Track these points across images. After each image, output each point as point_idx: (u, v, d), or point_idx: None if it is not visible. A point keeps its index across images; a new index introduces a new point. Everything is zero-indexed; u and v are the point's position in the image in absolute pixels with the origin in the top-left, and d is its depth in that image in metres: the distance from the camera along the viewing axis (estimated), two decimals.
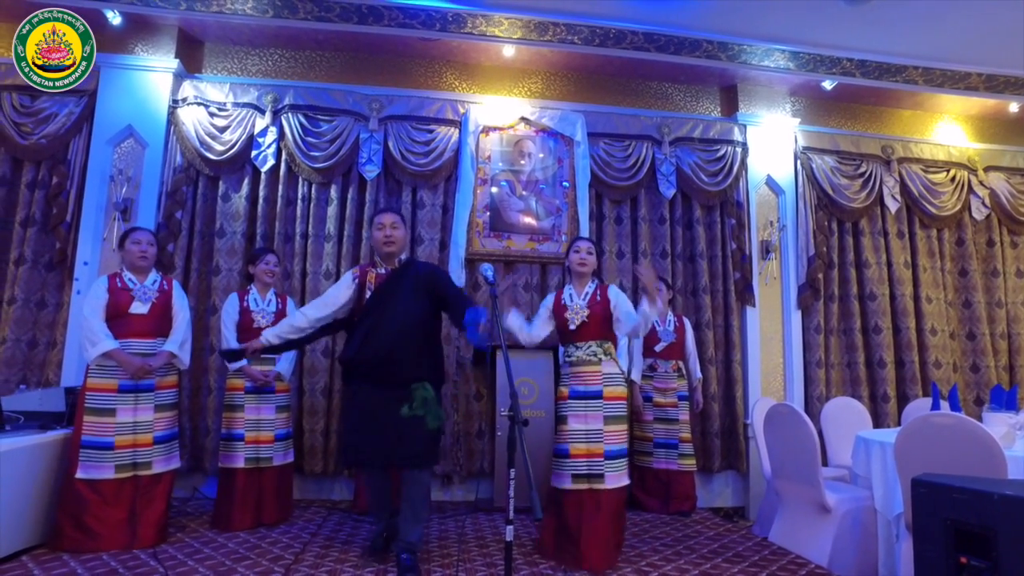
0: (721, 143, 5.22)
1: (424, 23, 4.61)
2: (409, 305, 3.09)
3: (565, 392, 3.27)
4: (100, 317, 3.38)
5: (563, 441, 3.20)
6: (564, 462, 3.17)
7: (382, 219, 3.24)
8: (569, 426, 3.19)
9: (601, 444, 3.15)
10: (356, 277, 3.24)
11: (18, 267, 4.44)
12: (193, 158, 4.66)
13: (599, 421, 3.18)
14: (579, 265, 3.36)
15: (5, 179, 4.56)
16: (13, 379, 4.31)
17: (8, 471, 3.03)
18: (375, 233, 3.24)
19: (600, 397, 3.21)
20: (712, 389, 4.90)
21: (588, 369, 3.25)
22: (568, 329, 3.31)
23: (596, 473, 3.11)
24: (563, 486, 3.15)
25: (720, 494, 5.00)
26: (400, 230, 3.24)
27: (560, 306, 3.38)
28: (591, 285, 3.38)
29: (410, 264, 3.29)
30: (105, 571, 2.92)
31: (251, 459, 3.74)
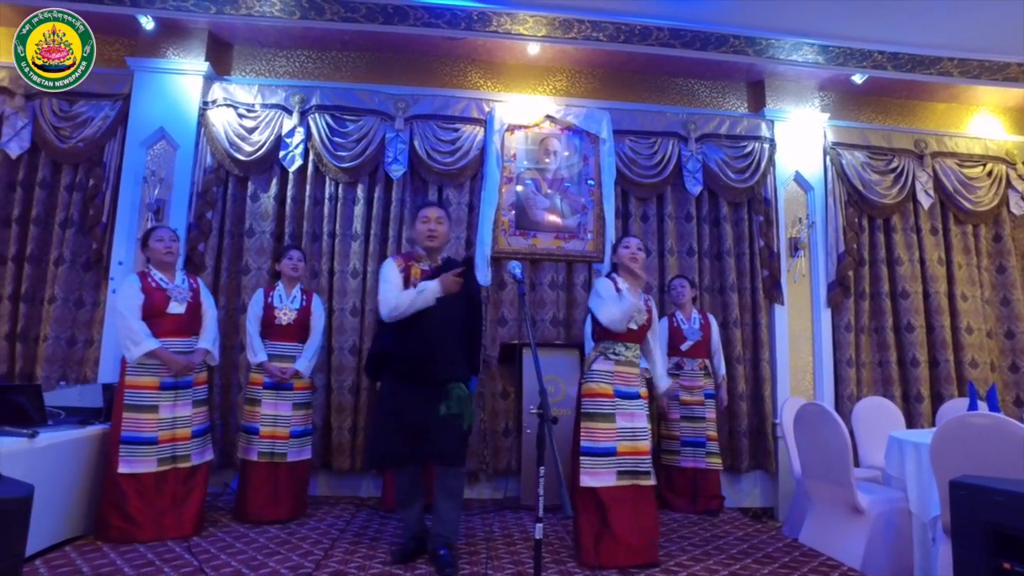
0: (748, 139, 5.16)
1: (449, 22, 4.62)
2: (453, 305, 3.06)
3: (609, 390, 3.18)
4: (138, 316, 3.45)
5: (609, 440, 3.11)
6: (609, 460, 3.09)
7: (427, 212, 3.18)
8: (618, 424, 3.13)
9: (647, 442, 3.15)
10: (401, 269, 3.15)
11: (57, 267, 4.57)
12: (223, 159, 4.74)
13: (644, 419, 3.18)
14: (631, 260, 3.28)
15: (45, 182, 4.69)
16: (54, 376, 4.43)
17: (52, 464, 3.12)
18: (418, 225, 3.19)
19: (639, 398, 3.21)
20: (740, 388, 4.84)
21: (632, 371, 3.24)
22: (627, 328, 3.23)
23: (643, 470, 3.10)
24: (607, 484, 3.06)
25: (748, 494, 4.95)
26: (444, 225, 3.20)
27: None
28: (641, 292, 3.32)
29: (452, 264, 3.23)
30: (142, 563, 2.99)
31: (265, 453, 3.80)
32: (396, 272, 3.11)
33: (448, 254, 3.37)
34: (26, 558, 1.93)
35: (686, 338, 4.42)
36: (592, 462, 3.11)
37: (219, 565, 2.98)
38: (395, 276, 3.10)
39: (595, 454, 3.12)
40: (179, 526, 3.42)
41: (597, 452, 3.12)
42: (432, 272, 3.14)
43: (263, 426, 3.81)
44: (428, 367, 3.00)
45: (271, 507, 3.80)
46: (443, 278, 2.98)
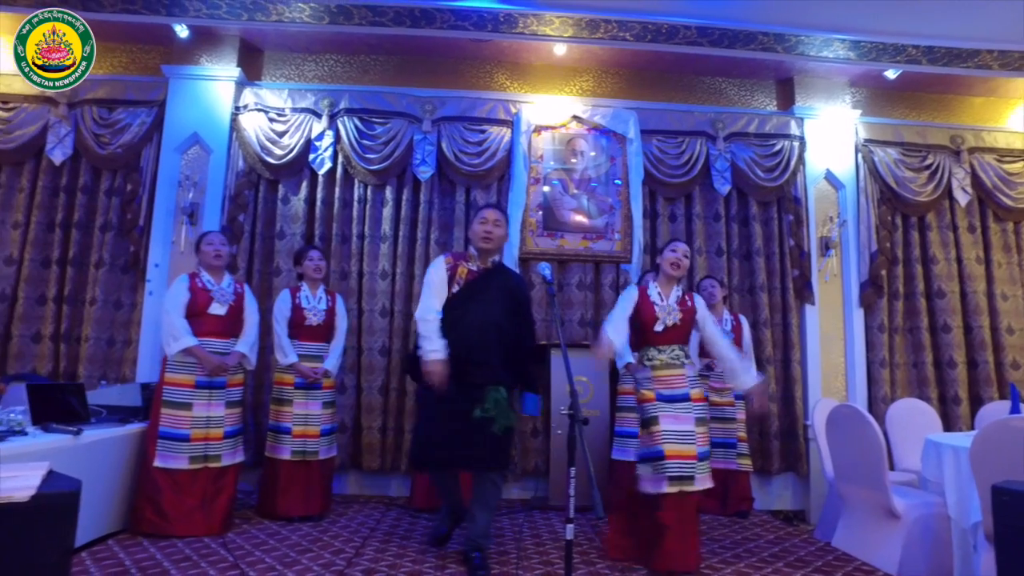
0: (777, 137, 5.10)
1: (476, 24, 4.64)
2: (495, 308, 3.06)
3: (651, 395, 3.15)
4: (181, 314, 3.57)
5: (656, 443, 3.07)
6: (658, 464, 3.05)
7: (486, 213, 3.19)
8: (662, 427, 3.07)
9: (694, 446, 3.07)
10: (448, 267, 3.16)
11: (98, 269, 4.71)
12: (254, 163, 4.83)
13: (691, 423, 3.10)
14: (672, 266, 3.25)
15: (87, 187, 4.83)
16: (95, 375, 4.56)
17: (95, 461, 3.22)
18: (476, 226, 3.18)
19: (688, 400, 3.14)
20: (770, 389, 4.79)
21: (673, 373, 3.18)
22: (652, 330, 3.21)
23: (687, 475, 3.03)
24: (657, 490, 3.02)
25: (779, 496, 4.89)
26: (501, 228, 3.18)
27: (647, 302, 3.24)
28: (678, 288, 3.29)
29: (502, 269, 3.26)
30: (180, 557, 3.07)
31: (298, 452, 3.86)
32: (441, 272, 3.13)
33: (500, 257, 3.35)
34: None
35: None
36: (644, 467, 3.12)
37: (254, 561, 3.04)
38: (438, 278, 3.12)
39: (645, 458, 3.12)
40: (208, 524, 3.50)
41: (650, 456, 3.09)
42: (479, 273, 3.15)
43: (295, 425, 3.88)
44: (464, 370, 2.99)
45: (303, 504, 3.86)
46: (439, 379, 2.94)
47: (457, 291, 3.11)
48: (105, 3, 4.45)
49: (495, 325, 3.06)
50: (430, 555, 3.21)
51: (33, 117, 4.79)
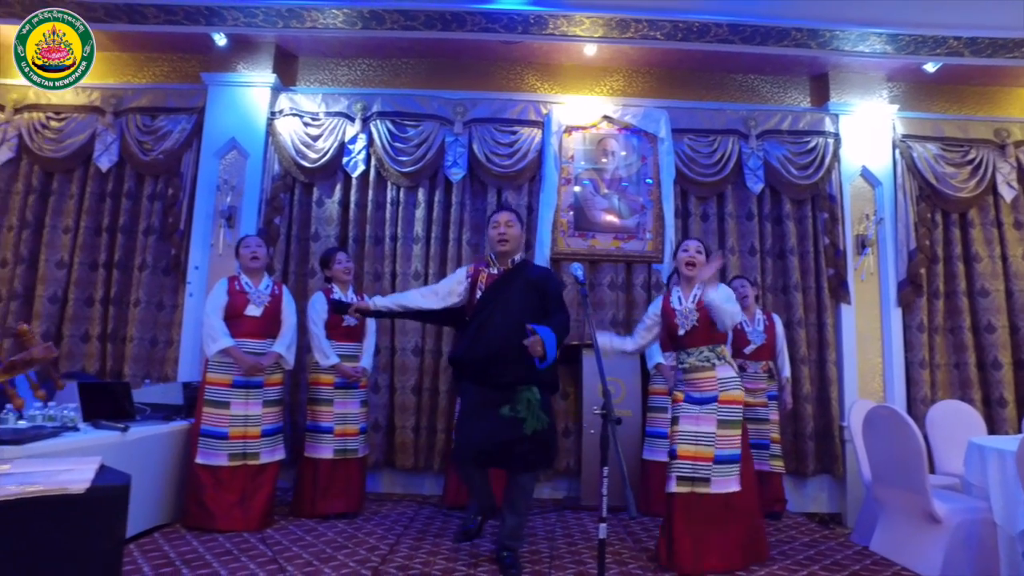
0: (811, 134, 5.02)
1: (506, 26, 4.67)
2: (519, 307, 3.06)
3: (680, 396, 3.19)
4: (219, 316, 3.69)
5: (672, 443, 3.13)
6: (671, 463, 3.09)
7: (497, 217, 3.23)
8: (680, 427, 3.11)
9: (712, 448, 3.06)
10: (470, 276, 3.22)
11: (141, 272, 4.87)
12: (289, 166, 4.93)
13: (711, 424, 3.10)
14: (686, 266, 3.26)
15: (131, 193, 5.01)
16: (139, 374, 4.72)
17: (142, 456, 3.34)
18: (490, 231, 3.24)
19: (715, 402, 3.13)
20: (805, 389, 4.72)
21: (703, 375, 3.17)
22: (677, 335, 3.21)
23: (701, 476, 3.04)
24: (669, 489, 3.08)
25: (814, 499, 4.81)
26: (515, 228, 3.21)
27: (669, 310, 3.26)
28: (698, 288, 3.27)
29: (524, 266, 3.25)
30: (221, 551, 3.17)
31: (339, 451, 3.94)
32: (462, 280, 3.23)
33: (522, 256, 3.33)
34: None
35: (750, 341, 4.32)
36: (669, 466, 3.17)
37: (291, 556, 3.12)
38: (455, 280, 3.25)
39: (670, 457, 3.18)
40: (247, 520, 3.59)
41: (670, 455, 3.18)
42: (500, 276, 3.18)
43: (336, 424, 3.96)
44: (494, 368, 3.01)
45: (343, 501, 3.95)
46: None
47: (480, 296, 3.15)
48: (149, 15, 4.60)
49: (518, 324, 3.00)
50: (463, 553, 3.25)
51: (82, 126, 4.98)
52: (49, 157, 4.95)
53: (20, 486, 1.69)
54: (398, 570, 2.97)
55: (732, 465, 3.09)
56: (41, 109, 5.02)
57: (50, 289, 4.85)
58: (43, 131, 4.97)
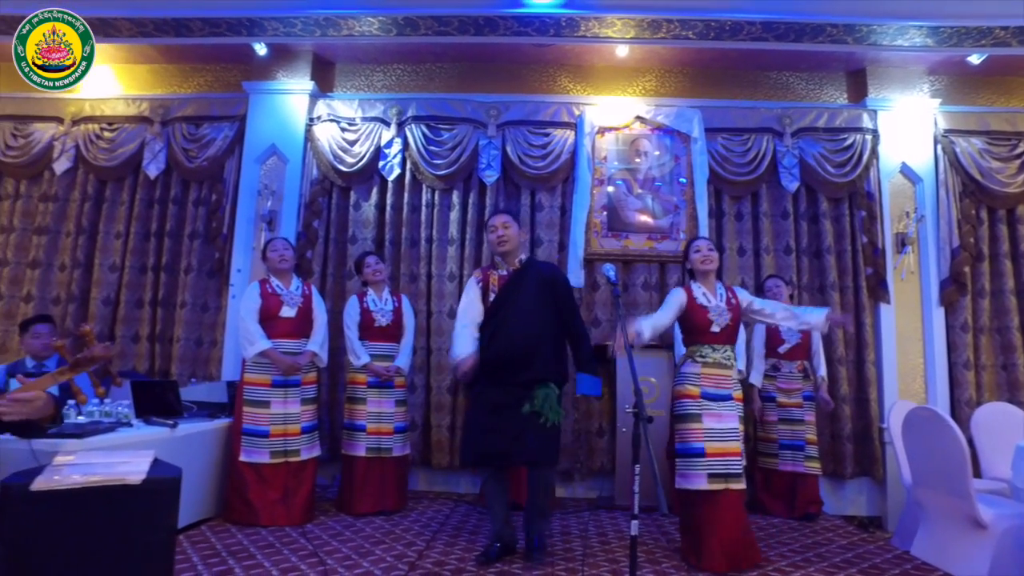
0: (848, 131, 4.93)
1: (538, 30, 4.72)
2: (533, 306, 3.15)
3: (696, 392, 3.18)
4: (255, 319, 3.81)
5: (697, 440, 3.11)
6: (698, 461, 3.09)
7: (493, 221, 3.33)
8: (705, 424, 3.12)
9: (738, 443, 3.12)
10: (479, 281, 3.33)
11: (187, 275, 5.06)
12: (327, 171, 5.06)
13: (735, 420, 3.14)
14: (702, 263, 3.30)
15: (177, 199, 5.21)
16: (185, 373, 4.90)
17: (190, 451, 3.49)
18: (488, 236, 3.35)
19: (731, 399, 3.18)
20: (842, 390, 4.65)
21: (722, 372, 3.21)
22: (708, 331, 3.22)
23: (734, 472, 3.07)
24: (697, 486, 3.07)
25: (853, 502, 4.73)
26: (512, 228, 3.27)
27: (696, 305, 3.26)
28: (719, 287, 3.31)
29: (531, 264, 3.33)
30: (264, 544, 3.29)
31: (372, 449, 4.02)
32: (472, 291, 3.32)
33: (526, 255, 3.41)
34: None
35: (784, 340, 4.29)
36: (683, 463, 3.16)
37: (331, 551, 3.22)
38: (468, 298, 3.32)
39: (685, 455, 3.16)
40: (289, 515, 3.71)
41: (687, 453, 3.15)
42: (509, 276, 3.25)
43: (369, 423, 4.04)
44: (513, 368, 3.07)
45: (379, 500, 4.02)
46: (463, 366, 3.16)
47: (494, 298, 3.22)
48: (195, 28, 4.78)
49: (537, 322, 3.13)
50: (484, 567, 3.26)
51: (132, 136, 5.21)
52: (102, 166, 5.18)
53: (84, 476, 1.81)
54: (434, 566, 3.04)
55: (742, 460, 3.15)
56: (95, 121, 5.27)
57: (104, 292, 5.08)
58: (97, 141, 5.21)
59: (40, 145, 5.25)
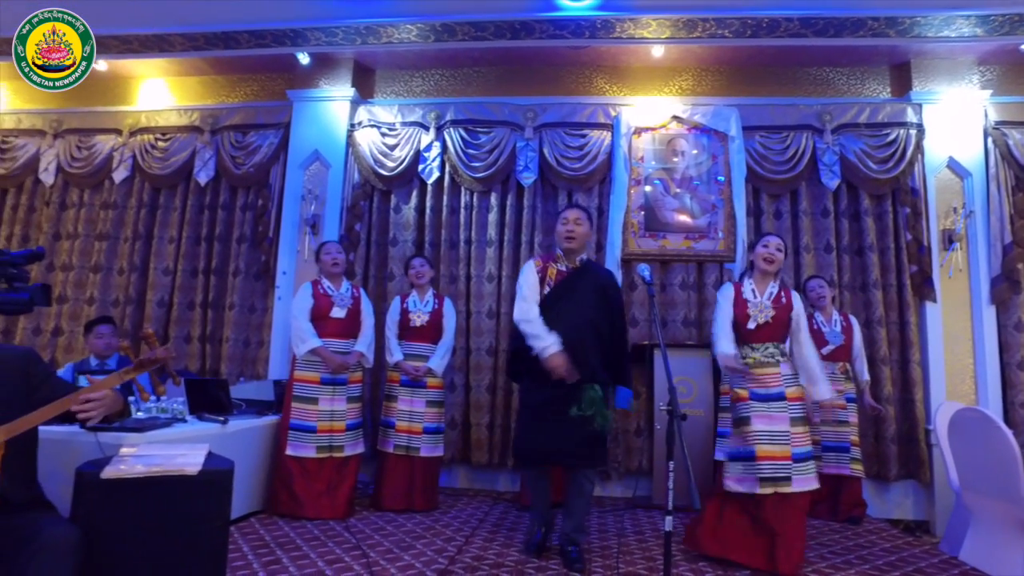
0: (892, 126, 4.83)
1: (573, 32, 4.76)
2: (586, 307, 3.11)
3: (744, 394, 3.15)
4: (307, 318, 3.95)
5: (748, 443, 3.08)
6: (749, 465, 3.05)
7: (567, 214, 3.26)
8: (754, 427, 3.07)
9: (788, 446, 3.04)
10: (539, 270, 3.25)
11: (235, 278, 5.27)
12: (368, 175, 5.20)
13: (785, 423, 3.07)
14: (765, 261, 3.21)
15: (226, 204, 5.43)
16: (233, 372, 5.10)
17: (239, 447, 3.63)
18: (558, 226, 3.25)
19: (783, 399, 3.11)
20: (886, 390, 4.55)
21: (768, 371, 3.15)
22: (745, 328, 3.18)
23: (782, 476, 3.01)
24: (749, 490, 3.04)
25: (899, 505, 4.63)
26: (583, 227, 3.24)
27: (741, 300, 3.22)
28: (774, 285, 3.25)
29: (591, 266, 3.31)
30: (309, 536, 3.41)
31: (401, 447, 4.09)
32: (533, 275, 3.22)
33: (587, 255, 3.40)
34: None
35: (827, 341, 4.21)
36: (735, 466, 3.13)
37: (373, 544, 3.32)
38: (531, 279, 3.21)
39: (736, 458, 3.13)
40: (333, 508, 3.83)
41: (739, 456, 3.12)
42: (568, 273, 3.21)
43: (399, 421, 4.13)
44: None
45: (406, 498, 4.08)
46: (565, 369, 2.97)
47: (549, 292, 3.18)
48: (242, 40, 4.99)
49: (589, 323, 3.10)
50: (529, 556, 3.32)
51: (183, 145, 5.45)
52: (157, 174, 5.44)
53: (146, 466, 1.94)
54: (473, 560, 3.10)
55: (809, 462, 3.06)
56: (150, 131, 5.54)
57: (158, 294, 5.32)
58: (152, 151, 5.47)
59: (101, 156, 5.54)
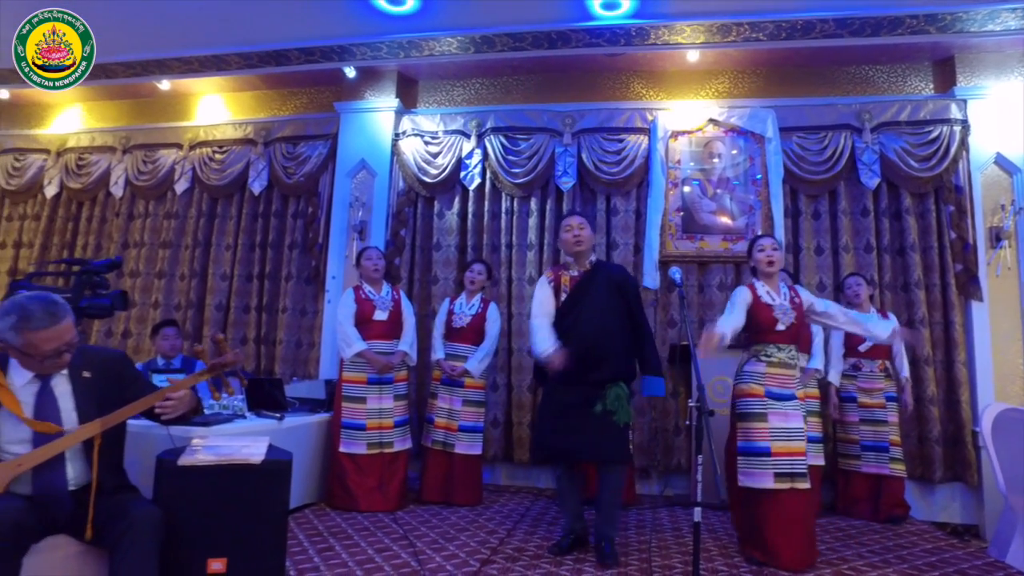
0: (934, 123, 4.76)
1: (609, 40, 4.86)
2: (604, 306, 3.23)
3: (760, 391, 3.21)
4: (352, 323, 4.16)
5: (763, 439, 3.14)
6: (764, 460, 3.12)
7: (569, 221, 3.41)
8: (771, 423, 3.14)
9: (803, 443, 3.12)
10: (551, 281, 3.41)
11: (287, 282, 5.54)
12: (412, 182, 5.40)
13: (799, 420, 3.16)
14: (767, 264, 3.30)
15: (278, 212, 5.72)
16: (287, 372, 5.37)
17: (294, 442, 3.84)
18: (563, 235, 3.39)
19: (795, 399, 3.20)
20: (929, 391, 4.50)
21: (786, 372, 3.23)
22: (774, 329, 3.24)
23: (799, 472, 3.09)
24: (764, 485, 3.09)
25: (945, 508, 4.56)
26: (587, 230, 3.36)
27: (761, 304, 3.28)
28: (783, 285, 3.33)
29: (601, 266, 3.43)
30: (360, 527, 3.62)
31: (439, 442, 4.27)
32: (544, 290, 3.38)
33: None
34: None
35: (864, 339, 4.22)
36: (747, 462, 3.17)
37: (420, 535, 3.50)
38: (541, 295, 3.38)
39: (750, 453, 3.17)
40: (385, 502, 4.03)
41: (752, 452, 3.16)
42: (580, 277, 3.34)
43: (438, 417, 4.31)
44: (586, 368, 3.16)
45: (444, 492, 4.26)
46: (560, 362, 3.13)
47: (565, 298, 3.31)
48: (292, 57, 5.27)
49: (608, 321, 3.19)
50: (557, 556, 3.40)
51: (238, 157, 5.77)
52: (214, 185, 5.77)
53: (216, 456, 2.15)
54: (514, 551, 3.25)
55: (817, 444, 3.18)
56: (208, 145, 5.88)
57: (216, 299, 5.64)
58: (210, 163, 5.81)
59: (164, 169, 5.91)
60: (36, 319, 1.95)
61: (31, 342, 1.96)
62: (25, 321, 1.94)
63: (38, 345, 1.96)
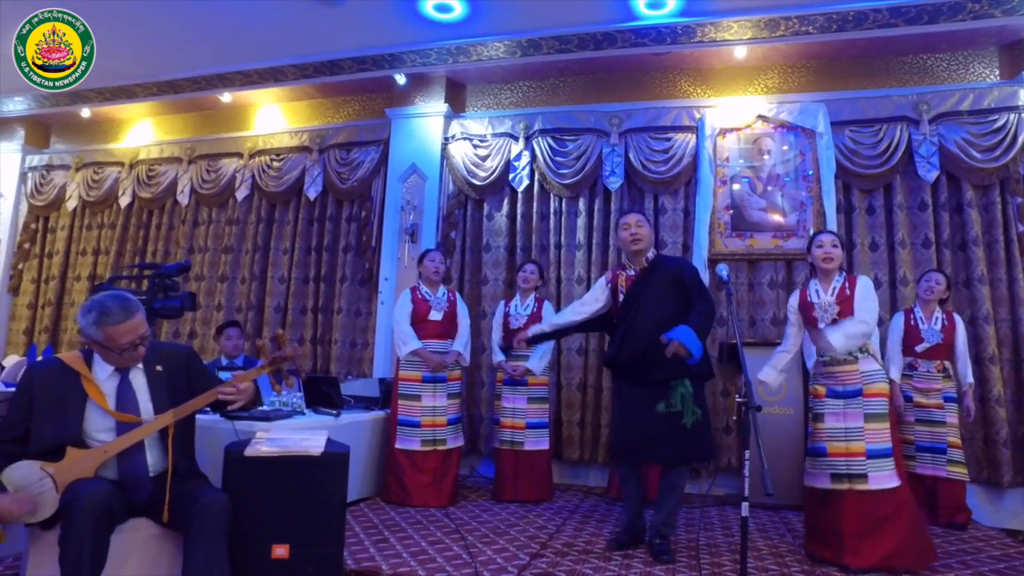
0: (999, 112, 4.56)
1: (655, 39, 4.86)
2: (661, 303, 3.20)
3: (822, 391, 3.17)
4: (407, 322, 4.28)
5: (819, 440, 3.12)
6: (820, 460, 3.10)
7: (627, 219, 3.37)
8: (826, 424, 3.11)
9: (862, 443, 3.03)
10: (609, 281, 3.42)
11: (342, 284, 5.75)
12: (462, 185, 5.51)
13: (859, 419, 3.07)
14: (824, 261, 3.24)
15: (333, 216, 5.93)
16: (342, 371, 5.56)
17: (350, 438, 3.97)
18: (621, 233, 3.36)
19: (860, 395, 3.10)
20: (996, 391, 4.32)
21: (845, 368, 3.15)
22: (817, 328, 3.20)
23: (857, 473, 3.02)
24: (821, 485, 3.09)
25: (1016, 514, 4.34)
26: (645, 228, 3.32)
27: (807, 303, 3.27)
28: (838, 279, 3.25)
29: (659, 261, 3.38)
30: (412, 521, 3.73)
31: (506, 442, 4.36)
32: (603, 287, 3.43)
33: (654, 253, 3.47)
34: None
35: (923, 339, 4.06)
36: (810, 462, 3.19)
37: (471, 529, 3.59)
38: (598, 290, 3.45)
39: (812, 454, 3.19)
40: (439, 497, 4.13)
41: (813, 452, 3.18)
42: (637, 275, 3.33)
43: (503, 417, 4.41)
44: (644, 367, 3.15)
45: (514, 489, 4.33)
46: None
47: (623, 299, 3.31)
48: (345, 67, 5.48)
49: (667, 318, 3.10)
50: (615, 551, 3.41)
51: (294, 164, 6.01)
52: (272, 191, 6.03)
53: (279, 447, 2.28)
54: (563, 546, 3.29)
55: (886, 459, 3.02)
56: (267, 153, 6.15)
57: (275, 300, 5.89)
58: (268, 171, 6.07)
59: (226, 178, 6.21)
60: (113, 314, 2.13)
61: (110, 336, 2.14)
62: (104, 316, 2.13)
63: (116, 338, 2.14)
